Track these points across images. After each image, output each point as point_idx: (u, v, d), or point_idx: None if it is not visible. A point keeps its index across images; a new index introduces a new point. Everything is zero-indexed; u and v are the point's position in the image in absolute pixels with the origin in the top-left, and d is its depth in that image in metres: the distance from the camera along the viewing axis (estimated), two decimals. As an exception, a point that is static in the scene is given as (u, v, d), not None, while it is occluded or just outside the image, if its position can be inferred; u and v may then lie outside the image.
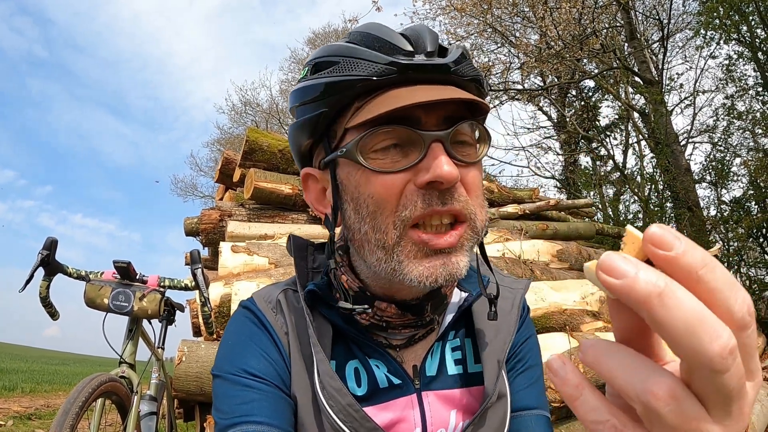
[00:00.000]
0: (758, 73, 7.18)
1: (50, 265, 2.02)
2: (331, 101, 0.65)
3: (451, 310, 0.77)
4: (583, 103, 11.83)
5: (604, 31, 8.78)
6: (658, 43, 9.57)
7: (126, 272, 2.06)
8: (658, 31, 9.46)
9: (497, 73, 9.61)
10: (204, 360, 2.45)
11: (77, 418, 1.56)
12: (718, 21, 6.74)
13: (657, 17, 9.14)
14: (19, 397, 7.50)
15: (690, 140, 9.09)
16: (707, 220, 7.35)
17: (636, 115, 9.06)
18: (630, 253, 0.29)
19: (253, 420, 0.65)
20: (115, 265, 2.04)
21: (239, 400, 0.67)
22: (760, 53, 6.91)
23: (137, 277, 2.11)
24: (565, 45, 8.11)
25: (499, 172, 11.21)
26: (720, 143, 8.55)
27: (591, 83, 11.00)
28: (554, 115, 12.42)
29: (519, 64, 9.52)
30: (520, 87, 10.16)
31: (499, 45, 10.13)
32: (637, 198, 8.56)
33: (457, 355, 0.77)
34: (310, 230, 3.84)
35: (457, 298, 0.78)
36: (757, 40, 6.87)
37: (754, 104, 7.68)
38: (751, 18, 6.70)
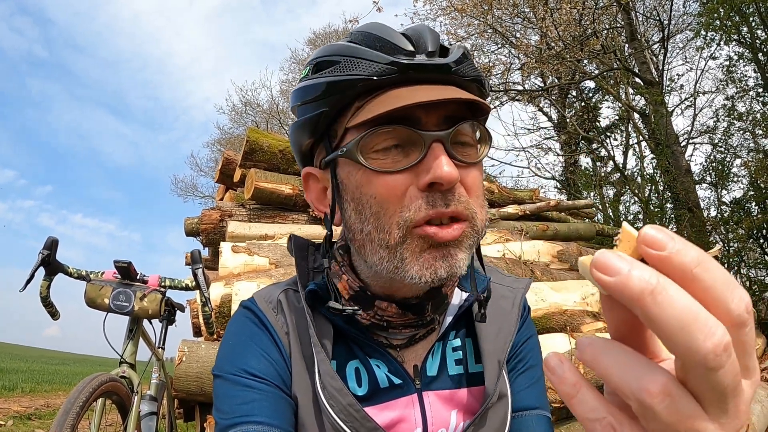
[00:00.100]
0: (759, 74, 7.18)
1: (51, 264, 2.02)
2: (331, 101, 0.65)
3: (452, 311, 0.77)
4: (583, 104, 11.84)
5: (605, 32, 8.78)
6: (658, 44, 9.57)
7: (127, 272, 2.06)
8: (659, 32, 9.46)
9: (497, 74, 9.62)
10: (204, 360, 2.45)
11: (78, 418, 1.56)
12: (718, 22, 6.74)
13: (657, 18, 9.15)
14: (19, 396, 7.50)
15: (690, 141, 9.10)
16: (707, 221, 7.34)
17: (636, 116, 9.05)
18: (625, 251, 0.29)
19: (253, 420, 0.65)
20: (115, 265, 2.04)
21: (240, 400, 0.67)
22: (761, 54, 6.90)
23: (138, 277, 2.11)
24: (566, 46, 8.11)
25: (500, 173, 11.24)
26: (720, 144, 8.55)
27: (591, 84, 11.02)
28: (554, 116, 12.44)
29: (519, 65, 9.53)
30: (521, 88, 10.16)
31: (500, 46, 10.15)
32: (637, 199, 8.56)
33: (458, 355, 0.76)
34: (311, 230, 3.85)
35: (457, 299, 0.78)
36: (758, 41, 6.87)
37: (754, 105, 7.67)
38: (752, 19, 6.70)
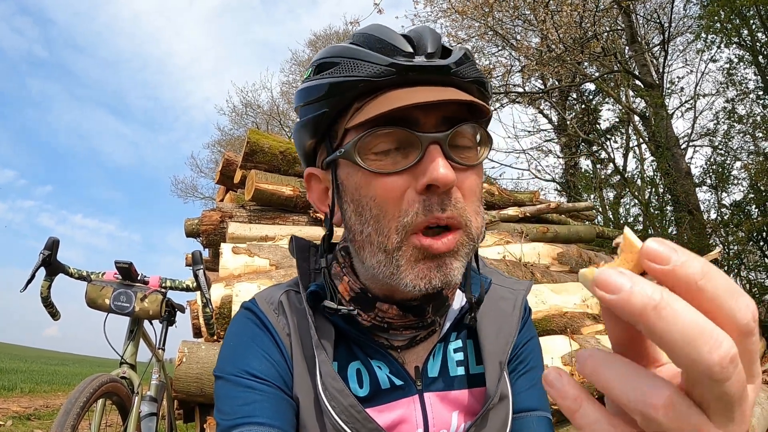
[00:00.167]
0: (759, 77, 7.19)
1: (52, 265, 2.02)
2: (331, 102, 0.65)
3: (453, 312, 0.77)
4: (583, 107, 11.86)
5: (605, 34, 8.79)
6: (659, 47, 9.59)
7: (127, 273, 2.07)
8: (659, 34, 9.47)
9: (498, 76, 9.62)
10: (204, 361, 2.45)
11: (78, 419, 1.56)
12: (719, 25, 6.75)
13: (658, 21, 9.16)
14: (18, 397, 7.50)
15: (690, 144, 9.12)
16: (707, 224, 7.35)
17: (636, 118, 9.06)
18: (627, 262, 0.29)
19: (254, 421, 0.65)
20: (116, 265, 2.04)
21: (241, 401, 0.67)
22: (761, 57, 6.91)
23: (138, 278, 2.12)
24: (566, 48, 8.12)
25: (500, 175, 11.28)
26: (720, 147, 8.57)
27: (592, 86, 11.02)
28: (555, 118, 12.45)
29: (520, 67, 9.54)
30: (521, 90, 10.17)
31: (500, 48, 10.16)
32: (637, 201, 8.57)
33: (459, 357, 0.76)
34: (312, 232, 3.84)
35: (459, 301, 0.78)
36: (758, 44, 6.88)
37: (754, 108, 7.70)
38: (752, 22, 6.71)
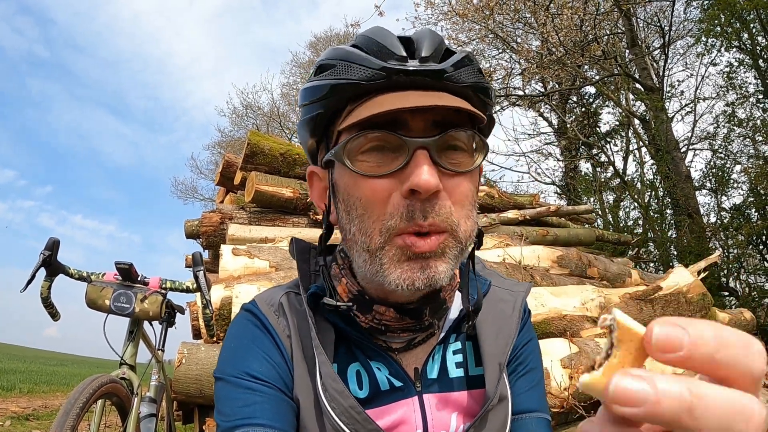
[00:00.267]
0: (759, 81, 7.21)
1: (52, 265, 2.02)
2: (326, 103, 0.66)
3: (453, 314, 0.77)
4: (583, 110, 11.87)
5: (606, 37, 8.81)
6: (659, 50, 9.61)
7: (127, 274, 2.07)
8: (660, 38, 9.49)
9: (498, 79, 9.64)
10: (203, 362, 2.45)
11: (78, 419, 1.56)
12: (719, 28, 6.77)
13: (658, 24, 9.18)
14: (17, 397, 7.49)
15: (690, 147, 9.13)
16: (707, 227, 7.36)
17: (636, 121, 9.08)
18: (629, 354, 0.27)
19: (255, 422, 0.65)
20: (116, 266, 2.05)
21: (241, 402, 0.67)
22: (761, 61, 6.93)
23: (138, 279, 2.12)
24: (567, 51, 8.14)
25: (500, 178, 11.27)
26: (720, 150, 8.57)
27: (592, 90, 11.04)
28: (555, 121, 12.46)
29: (520, 70, 9.55)
30: (521, 93, 10.18)
31: (501, 51, 10.17)
32: (637, 204, 8.58)
33: (458, 358, 0.76)
34: (312, 234, 3.85)
35: (458, 302, 0.78)
36: (758, 48, 6.90)
37: (754, 112, 7.70)
38: (752, 26, 6.73)
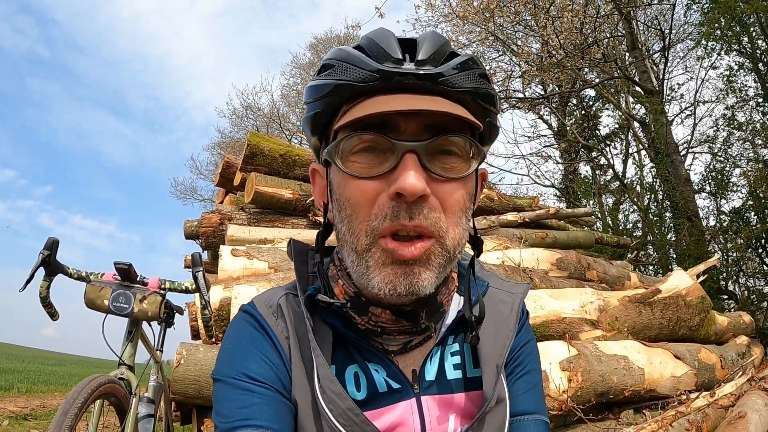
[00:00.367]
0: (759, 84, 7.21)
1: (51, 265, 2.02)
2: (324, 102, 0.67)
3: (451, 316, 0.77)
4: (583, 112, 11.87)
5: (606, 40, 8.82)
6: (659, 53, 9.62)
7: (127, 274, 2.07)
8: (660, 41, 9.51)
9: (498, 81, 9.65)
10: (202, 363, 2.45)
11: (76, 419, 1.55)
12: (719, 32, 6.78)
13: (658, 27, 9.20)
14: (15, 397, 7.48)
15: (690, 150, 9.13)
16: (706, 231, 7.35)
17: (636, 124, 9.09)
18: None
19: (253, 424, 0.65)
20: (116, 266, 2.05)
21: (240, 403, 0.67)
22: (761, 64, 6.94)
23: (138, 279, 2.11)
24: (567, 54, 8.15)
25: (499, 180, 11.26)
26: (720, 154, 8.57)
27: (592, 92, 11.05)
28: (555, 124, 12.47)
29: (520, 73, 9.57)
30: (521, 95, 10.20)
31: (501, 53, 10.18)
32: (636, 207, 8.57)
33: (456, 360, 0.76)
34: (311, 235, 3.85)
35: (456, 304, 0.78)
36: (758, 51, 6.91)
37: (754, 115, 7.70)
38: (752, 29, 6.74)
